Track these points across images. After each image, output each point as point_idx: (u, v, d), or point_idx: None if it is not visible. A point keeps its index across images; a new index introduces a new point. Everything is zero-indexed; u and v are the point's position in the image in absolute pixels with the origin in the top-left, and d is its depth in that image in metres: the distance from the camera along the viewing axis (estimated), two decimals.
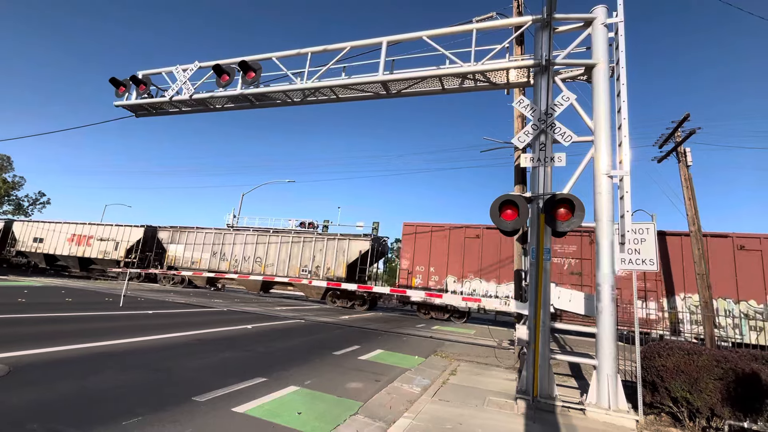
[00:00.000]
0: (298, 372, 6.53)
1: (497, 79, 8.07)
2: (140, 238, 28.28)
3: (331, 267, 22.88)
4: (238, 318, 13.21)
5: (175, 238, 27.27)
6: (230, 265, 25.18)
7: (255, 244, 24.99)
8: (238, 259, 25.09)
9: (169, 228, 27.81)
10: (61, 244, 31.02)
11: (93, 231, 30.17)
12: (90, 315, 10.73)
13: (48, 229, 31.97)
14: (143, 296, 18.07)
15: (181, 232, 27.29)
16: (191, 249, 26.71)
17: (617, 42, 6.19)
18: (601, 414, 5.27)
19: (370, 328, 14.24)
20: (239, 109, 10.63)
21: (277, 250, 24.18)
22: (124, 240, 28.93)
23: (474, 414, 5.10)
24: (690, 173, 13.30)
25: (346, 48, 8.59)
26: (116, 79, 10.72)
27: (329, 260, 23.02)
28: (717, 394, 5.01)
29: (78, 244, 30.62)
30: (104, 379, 5.16)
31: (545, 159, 6.16)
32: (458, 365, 8.38)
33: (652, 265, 6.06)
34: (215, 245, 25.99)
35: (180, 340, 8.37)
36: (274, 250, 24.27)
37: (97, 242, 29.90)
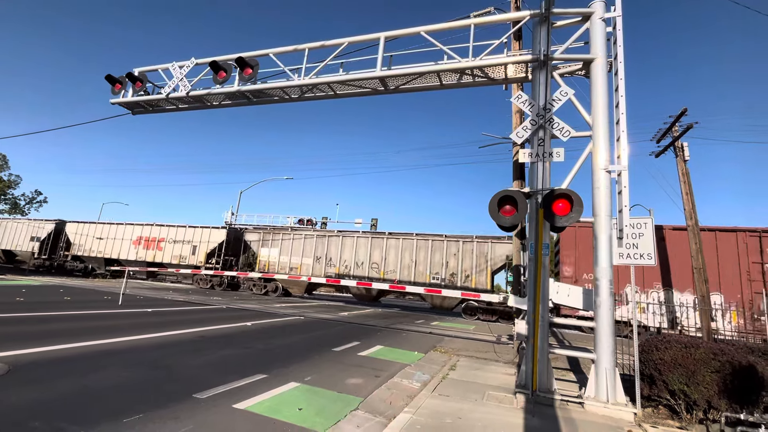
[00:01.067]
0: (298, 368, 6.55)
1: (495, 75, 8.05)
2: (223, 241, 25.92)
3: (470, 274, 20.01)
4: (237, 315, 13.22)
5: (267, 241, 24.81)
6: (339, 270, 22.61)
7: (369, 248, 22.34)
8: (349, 264, 22.47)
9: (260, 230, 25.67)
10: (125, 248, 28.75)
11: (164, 233, 27.81)
12: (89, 313, 10.72)
13: (108, 231, 29.71)
14: (142, 294, 18.06)
15: (274, 234, 24.96)
16: (288, 253, 24.06)
17: (615, 37, 6.18)
18: (600, 407, 5.31)
19: (370, 324, 14.28)
20: (236, 105, 10.58)
21: (398, 255, 21.48)
22: (203, 243, 26.39)
23: (473, 408, 5.13)
24: (687, 168, 13.34)
25: (343, 44, 8.55)
26: (112, 77, 10.65)
27: (467, 266, 20.17)
28: (714, 386, 5.05)
29: (146, 248, 28.21)
30: (104, 377, 5.16)
31: (544, 154, 6.17)
32: (458, 360, 8.42)
33: (650, 260, 6.08)
34: (318, 248, 23.38)
35: (180, 337, 8.38)
36: (394, 255, 21.62)
37: (170, 245, 27.44)
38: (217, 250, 26.07)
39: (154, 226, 28.46)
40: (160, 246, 27.72)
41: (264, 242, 24.86)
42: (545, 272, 5.87)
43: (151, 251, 27.91)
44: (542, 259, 5.88)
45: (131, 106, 11.11)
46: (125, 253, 28.59)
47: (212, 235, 26.44)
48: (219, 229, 26.66)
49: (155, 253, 27.71)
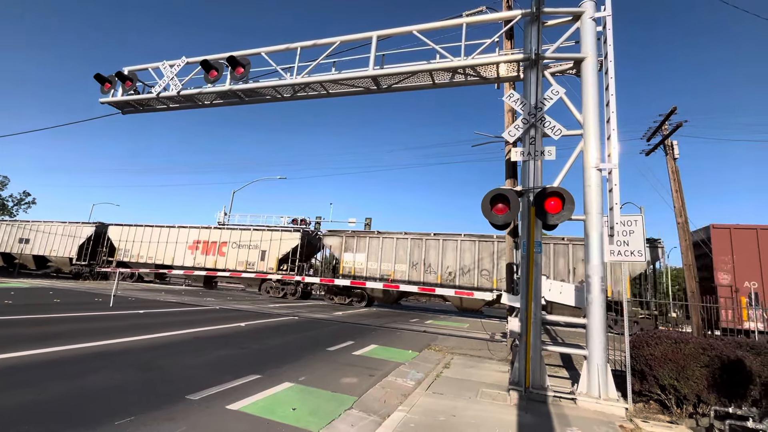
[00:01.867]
0: (292, 368, 6.53)
1: (487, 74, 8.08)
2: (297, 245, 23.67)
3: None
4: (231, 316, 13.14)
5: (351, 245, 22.22)
6: (441, 278, 19.99)
7: (476, 253, 19.65)
8: (453, 271, 19.77)
9: (341, 233, 22.88)
10: (179, 253, 26.02)
11: (226, 236, 25.29)
12: (80, 316, 10.59)
13: (159, 235, 27.04)
14: (133, 296, 17.87)
15: (359, 238, 22.28)
16: (377, 258, 21.41)
17: (605, 36, 6.24)
18: (592, 403, 5.36)
19: (364, 323, 14.28)
20: (228, 105, 10.50)
21: (552, 261, 18.20)
22: (273, 247, 24.03)
23: (467, 406, 5.16)
24: (677, 166, 13.51)
25: (336, 43, 8.53)
26: (101, 76, 10.51)
27: None
28: (703, 381, 5.14)
29: (205, 253, 25.48)
30: (97, 379, 5.11)
31: (535, 153, 6.21)
32: (452, 358, 8.46)
33: (641, 257, 6.15)
34: (414, 253, 20.70)
35: (173, 338, 8.31)
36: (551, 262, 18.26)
37: (234, 250, 24.82)
38: (290, 255, 23.81)
39: (214, 229, 26.10)
40: (222, 251, 25.16)
41: (347, 247, 22.39)
42: (537, 270, 5.92)
43: (211, 257, 25.37)
44: (534, 257, 5.92)
45: (121, 105, 10.97)
46: (180, 258, 26.04)
47: (284, 239, 24.12)
48: (292, 232, 24.50)
49: (216, 259, 25.10)
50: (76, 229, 29.24)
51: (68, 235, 29.27)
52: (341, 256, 22.49)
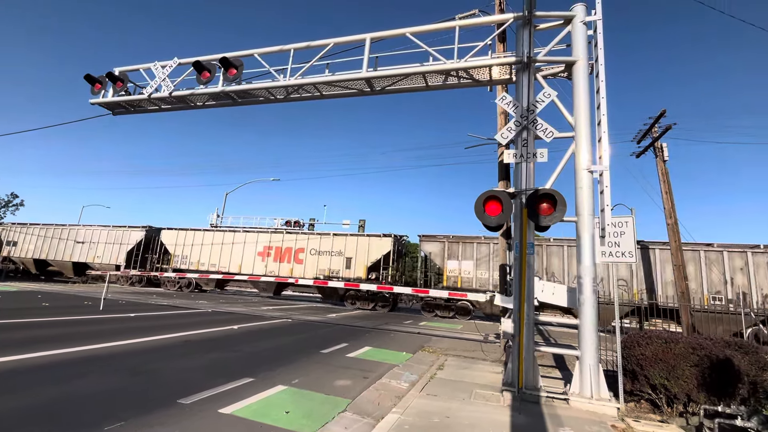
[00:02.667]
0: (286, 371, 6.49)
1: (480, 76, 8.14)
2: (389, 251, 21.94)
3: None
4: (223, 319, 13.03)
5: (453, 252, 20.10)
6: None
7: None
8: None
9: (441, 238, 20.68)
10: (247, 260, 23.85)
11: (302, 242, 23.15)
12: (69, 319, 10.43)
13: (223, 240, 24.90)
14: (124, 299, 17.65)
15: (463, 244, 20.03)
16: (487, 267, 19.40)
17: (596, 39, 6.32)
18: (584, 403, 5.41)
19: (358, 325, 14.24)
20: (221, 106, 10.44)
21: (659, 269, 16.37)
22: (360, 254, 21.97)
23: (461, 407, 5.17)
24: (667, 168, 13.71)
25: (329, 45, 8.53)
26: (91, 76, 10.39)
27: None
28: (693, 380, 5.21)
29: (279, 260, 23.38)
30: (86, 383, 5.03)
31: (527, 155, 6.26)
32: (445, 360, 8.47)
33: (631, 257, 6.23)
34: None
35: (164, 342, 8.21)
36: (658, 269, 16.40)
37: (313, 257, 22.67)
38: (382, 263, 22.02)
39: (287, 233, 23.93)
40: (299, 258, 22.88)
41: (450, 254, 20.28)
42: (530, 271, 5.95)
43: (286, 264, 23.18)
44: (527, 259, 5.96)
45: (112, 106, 10.85)
46: (248, 265, 23.86)
47: (373, 245, 22.11)
48: (381, 238, 22.18)
49: (292, 267, 22.85)
50: (123, 234, 27.60)
51: (114, 242, 27.42)
52: (444, 263, 20.40)
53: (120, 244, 27.55)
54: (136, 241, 27.24)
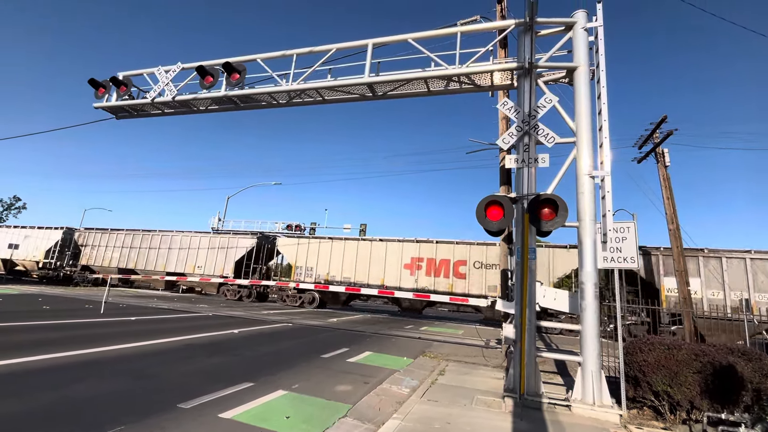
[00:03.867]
0: (286, 376, 6.47)
1: (481, 82, 8.17)
2: None
3: None
4: (224, 323, 13.00)
5: None
6: None
7: None
8: None
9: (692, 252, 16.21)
10: (392, 274, 20.61)
11: (463, 252, 19.51)
12: (69, 323, 10.42)
13: (353, 250, 21.96)
14: (125, 302, 17.64)
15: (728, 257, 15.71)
16: None
17: (597, 46, 6.35)
18: (587, 410, 5.37)
19: (359, 330, 14.20)
20: (223, 110, 10.50)
21: None
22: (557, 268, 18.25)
23: (462, 413, 5.13)
24: (668, 173, 13.70)
25: (331, 50, 8.58)
26: (95, 81, 10.47)
27: None
28: (696, 387, 5.16)
29: (433, 274, 19.83)
30: (86, 387, 5.02)
31: (529, 160, 6.27)
32: (447, 365, 8.43)
33: (633, 263, 6.21)
34: None
35: (164, 346, 8.20)
36: None
37: (478, 271, 18.90)
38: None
39: (440, 243, 20.44)
40: (460, 271, 19.21)
41: None
42: (532, 276, 5.94)
43: (443, 279, 19.63)
44: (529, 264, 5.95)
45: (115, 110, 10.93)
46: (393, 278, 20.55)
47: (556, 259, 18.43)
48: (566, 250, 18.25)
49: (452, 282, 19.12)
50: (229, 241, 25.27)
51: (217, 246, 25.02)
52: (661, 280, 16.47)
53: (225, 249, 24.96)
54: (246, 249, 24.80)
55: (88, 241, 29.59)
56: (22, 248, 30.01)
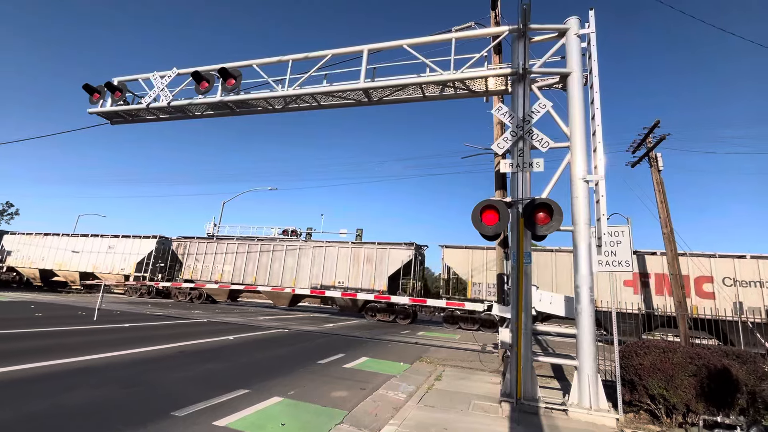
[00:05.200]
0: (282, 382, 6.41)
1: (476, 87, 8.23)
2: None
3: None
4: (219, 329, 12.89)
5: None
6: None
7: None
8: None
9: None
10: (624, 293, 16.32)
11: (702, 268, 15.94)
12: (62, 330, 10.29)
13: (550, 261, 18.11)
14: (119, 309, 17.45)
15: None
16: None
17: (590, 52, 6.43)
18: (583, 414, 5.36)
19: (355, 335, 14.13)
20: (219, 116, 10.49)
21: None
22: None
23: (459, 418, 5.11)
24: (662, 177, 13.82)
25: (327, 56, 8.62)
26: (90, 86, 10.44)
27: None
28: (692, 390, 5.17)
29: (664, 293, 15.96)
30: (78, 395, 4.94)
31: (524, 164, 6.31)
32: (443, 370, 8.40)
33: (628, 267, 6.23)
34: None
35: (158, 353, 8.11)
36: None
37: (729, 289, 15.50)
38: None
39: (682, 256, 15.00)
40: (704, 290, 15.59)
41: None
42: (527, 280, 5.95)
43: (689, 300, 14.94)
44: (524, 268, 5.97)
45: (110, 115, 10.88)
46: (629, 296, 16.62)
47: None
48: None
49: (699, 304, 15.15)
50: (377, 253, 21.51)
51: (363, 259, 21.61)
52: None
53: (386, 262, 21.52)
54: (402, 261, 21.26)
55: (190, 251, 26.16)
56: (104, 260, 27.20)
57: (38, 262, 29.19)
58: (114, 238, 28.02)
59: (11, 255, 30.17)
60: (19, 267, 29.85)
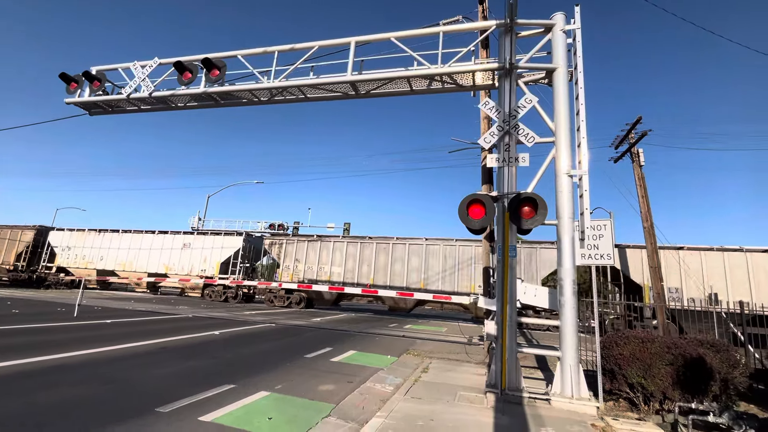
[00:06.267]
0: (269, 377, 6.39)
1: (463, 81, 8.25)
2: None
3: None
4: (204, 324, 12.74)
5: None
6: None
7: None
8: None
9: None
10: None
11: None
12: (40, 327, 10.02)
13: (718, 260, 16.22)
14: (100, 305, 17.07)
15: None
16: None
17: (575, 48, 6.50)
18: (565, 403, 5.50)
19: (343, 329, 14.15)
20: (203, 107, 10.27)
21: None
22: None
23: (445, 409, 5.18)
24: (643, 173, 14.16)
25: (314, 47, 8.50)
26: (67, 75, 10.08)
27: None
28: (668, 378, 5.37)
29: None
30: (56, 393, 4.83)
31: (510, 159, 6.37)
32: (430, 362, 8.49)
33: (609, 260, 6.39)
34: None
35: (141, 349, 7.97)
36: None
37: None
38: None
39: None
40: None
41: None
42: (513, 274, 6.04)
43: None
44: (509, 261, 6.05)
45: (88, 106, 10.54)
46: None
47: None
48: None
49: None
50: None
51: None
52: None
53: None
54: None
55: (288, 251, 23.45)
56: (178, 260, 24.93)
57: (96, 262, 26.10)
58: (188, 234, 25.43)
59: (63, 254, 27.09)
60: (71, 267, 26.79)
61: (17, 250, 27.85)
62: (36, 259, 28.04)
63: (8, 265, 27.58)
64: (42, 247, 28.04)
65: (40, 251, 28.03)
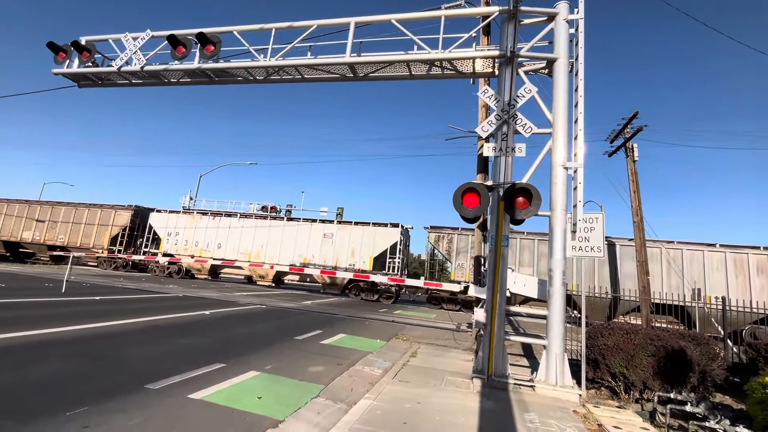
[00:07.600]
0: (259, 357, 6.44)
1: (463, 68, 8.15)
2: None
3: None
4: (194, 304, 12.74)
5: None
6: None
7: None
8: None
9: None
10: None
11: None
12: (28, 301, 9.93)
13: None
14: (88, 281, 16.95)
15: None
16: None
17: (577, 38, 6.43)
18: (549, 390, 5.64)
19: (333, 313, 14.26)
20: (196, 84, 10.03)
21: None
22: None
23: (432, 393, 5.29)
24: (636, 168, 14.24)
25: (312, 26, 8.30)
26: (54, 44, 9.73)
27: None
28: (649, 368, 5.52)
29: None
30: (45, 368, 4.82)
31: (506, 149, 6.36)
32: (419, 347, 8.62)
33: (599, 252, 6.48)
34: None
35: (131, 326, 7.96)
36: None
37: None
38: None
39: None
40: None
41: None
42: (504, 263, 6.10)
43: None
44: (501, 251, 6.10)
45: (77, 77, 10.23)
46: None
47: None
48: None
49: None
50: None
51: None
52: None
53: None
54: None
55: None
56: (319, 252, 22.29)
57: (213, 251, 23.51)
58: (329, 224, 22.52)
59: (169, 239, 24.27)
60: (181, 254, 24.07)
61: (110, 233, 25.33)
62: (133, 243, 25.70)
63: (101, 249, 25.04)
64: (139, 231, 25.78)
65: (136, 234, 25.87)
